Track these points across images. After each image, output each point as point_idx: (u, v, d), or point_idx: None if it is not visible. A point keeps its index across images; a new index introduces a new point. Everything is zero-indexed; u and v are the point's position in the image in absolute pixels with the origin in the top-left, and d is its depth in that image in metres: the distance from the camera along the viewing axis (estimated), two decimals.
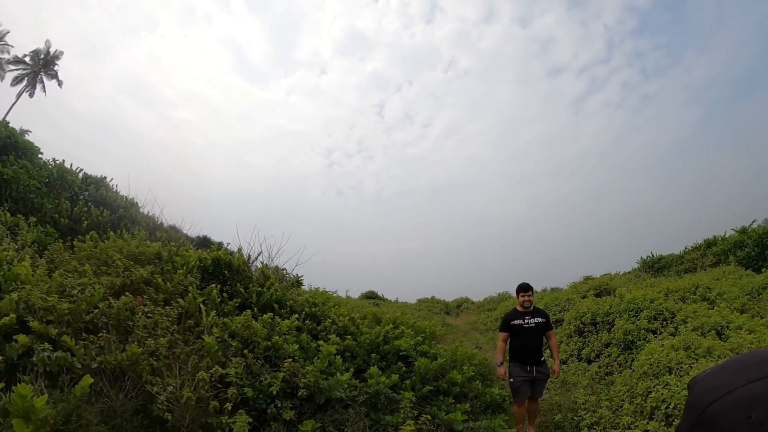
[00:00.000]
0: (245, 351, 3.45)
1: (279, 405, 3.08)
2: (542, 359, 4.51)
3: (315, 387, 3.19)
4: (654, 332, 6.18)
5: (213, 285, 4.75)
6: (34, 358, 2.72)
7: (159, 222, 7.93)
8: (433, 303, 17.28)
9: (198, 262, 5.32)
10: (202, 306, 4.21)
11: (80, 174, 7.98)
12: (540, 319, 4.57)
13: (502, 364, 4.60)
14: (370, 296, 18.13)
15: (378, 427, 3.22)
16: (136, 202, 8.27)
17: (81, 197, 7.50)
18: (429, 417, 3.19)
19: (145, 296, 4.17)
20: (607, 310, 7.23)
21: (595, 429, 4.62)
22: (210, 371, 3.02)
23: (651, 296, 6.95)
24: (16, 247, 5.07)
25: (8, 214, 6.09)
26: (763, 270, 8.83)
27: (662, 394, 4.22)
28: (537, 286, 18.07)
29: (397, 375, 3.84)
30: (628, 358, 5.97)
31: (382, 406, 3.53)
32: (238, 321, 3.70)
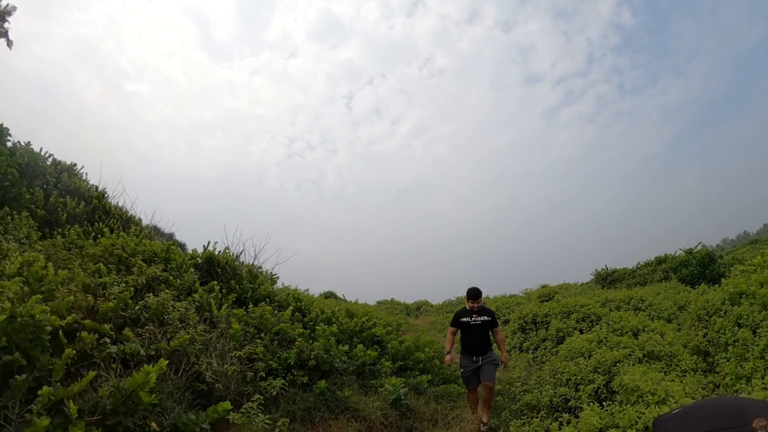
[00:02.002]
0: (262, 335, 5.04)
1: (295, 373, 4.59)
2: (487, 350, 5.48)
3: (321, 359, 4.77)
4: (581, 330, 8.04)
5: (214, 282, 6.21)
6: (114, 349, 4.07)
7: (130, 215, 8.70)
8: (392, 305, 18.90)
9: (192, 260, 6.76)
10: (212, 301, 5.72)
11: (49, 160, 8.24)
12: (486, 318, 5.57)
13: (449, 352, 5.65)
14: (329, 296, 18.82)
15: (366, 388, 4.89)
16: (107, 193, 8.71)
17: (54, 186, 7.80)
18: (403, 380, 4.98)
19: (161, 292, 5.61)
20: (546, 312, 9.25)
21: (524, 393, 6.66)
22: (241, 351, 4.58)
23: (582, 302, 9.01)
24: (21, 245, 6.18)
25: None
26: (696, 287, 11.09)
27: (574, 370, 6.27)
28: (496, 292, 20.10)
29: (376, 352, 5.53)
30: (558, 349, 8.07)
31: (366, 374, 5.21)
32: (255, 312, 5.19)
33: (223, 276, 6.59)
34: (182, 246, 11.47)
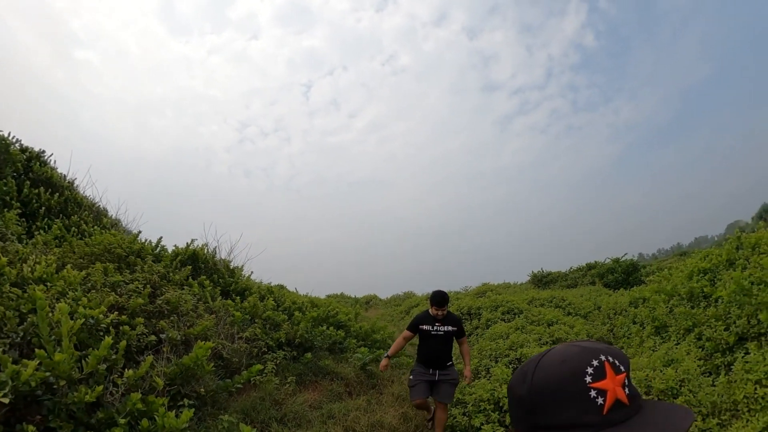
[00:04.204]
0: (256, 321, 7.32)
1: (285, 349, 6.72)
2: (448, 364, 5.47)
3: (304, 338, 7.01)
4: (505, 320, 10.92)
5: (203, 277, 8.33)
6: (153, 338, 6.04)
7: (101, 207, 9.71)
8: (342, 298, 20.98)
9: (178, 257, 8.83)
10: (207, 294, 7.90)
11: (16, 145, 8.77)
12: (450, 328, 5.47)
13: (388, 356, 5.77)
14: (281, 289, 21.23)
15: (338, 360, 7.36)
16: (76, 183, 9.59)
17: (25, 176, 8.51)
18: (366, 350, 7.56)
19: (171, 288, 7.71)
20: (479, 305, 12.28)
21: (456, 365, 9.45)
22: (246, 333, 6.86)
23: (508, 299, 12.17)
24: (24, 245, 7.63)
25: None
26: (617, 291, 14.55)
27: (494, 347, 9.11)
28: (440, 288, 23.68)
29: (343, 333, 8.02)
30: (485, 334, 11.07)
31: (336, 350, 7.52)
32: (247, 303, 7.37)
33: (206, 271, 8.72)
34: (128, 233, 13.11)
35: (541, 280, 20.52)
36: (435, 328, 5.50)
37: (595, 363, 0.75)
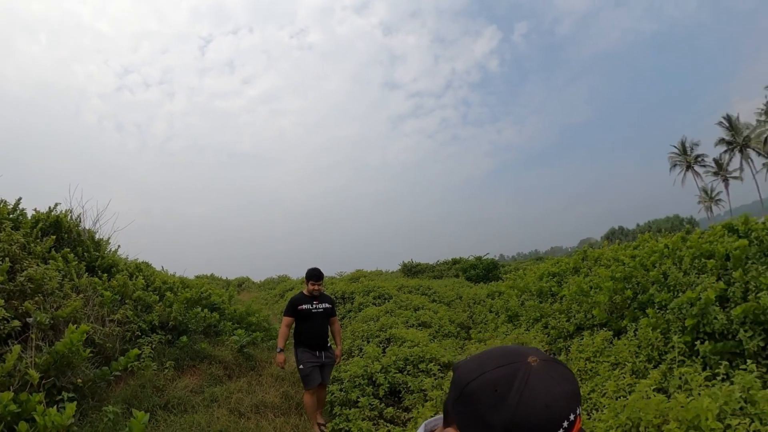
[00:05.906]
0: (127, 301, 7.22)
1: (159, 333, 6.90)
2: (328, 345, 5.79)
3: (178, 321, 7.18)
4: (375, 304, 12.08)
5: (67, 250, 7.89)
6: (33, 320, 5.41)
7: None
8: (213, 280, 20.59)
9: (39, 224, 8.20)
10: (73, 270, 7.55)
11: None
12: (327, 305, 5.81)
13: (282, 351, 5.73)
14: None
15: (213, 343, 7.64)
16: None
17: None
18: (243, 332, 7.87)
19: (28, 262, 7.25)
20: (352, 290, 13.45)
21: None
22: (118, 315, 6.76)
23: (379, 284, 13.57)
24: None
25: None
26: (476, 285, 16.88)
27: (366, 329, 9.90)
28: None
29: (218, 315, 8.30)
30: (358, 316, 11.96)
31: (211, 333, 7.84)
32: (116, 281, 7.22)
33: (69, 242, 8.20)
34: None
35: (411, 270, 22.99)
36: (315, 306, 5.72)
37: (572, 417, 0.76)
